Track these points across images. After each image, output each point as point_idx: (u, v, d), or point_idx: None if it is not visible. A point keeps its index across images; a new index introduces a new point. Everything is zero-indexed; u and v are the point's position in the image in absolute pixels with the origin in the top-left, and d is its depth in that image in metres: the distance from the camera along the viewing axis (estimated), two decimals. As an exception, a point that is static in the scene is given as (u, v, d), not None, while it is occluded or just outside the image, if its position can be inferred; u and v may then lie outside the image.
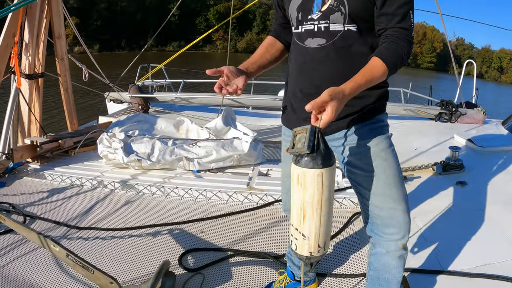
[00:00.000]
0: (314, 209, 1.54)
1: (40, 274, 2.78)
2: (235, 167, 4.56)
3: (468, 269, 2.58)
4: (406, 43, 1.76)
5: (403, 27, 1.76)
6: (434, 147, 4.90)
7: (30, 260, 2.94)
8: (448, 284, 2.49)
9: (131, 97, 7.13)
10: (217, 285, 2.71)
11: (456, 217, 3.21)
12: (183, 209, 3.71)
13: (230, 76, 1.86)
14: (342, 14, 1.80)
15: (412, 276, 2.58)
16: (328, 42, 1.87)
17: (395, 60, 1.74)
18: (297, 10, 1.92)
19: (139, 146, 4.51)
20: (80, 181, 4.21)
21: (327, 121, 1.52)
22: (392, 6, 1.75)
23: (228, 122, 5.14)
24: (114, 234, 3.30)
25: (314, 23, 1.88)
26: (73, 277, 2.76)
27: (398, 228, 1.97)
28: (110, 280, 2.24)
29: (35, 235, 2.37)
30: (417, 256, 2.77)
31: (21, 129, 5.12)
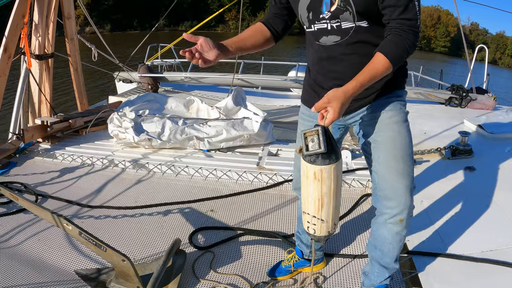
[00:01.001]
0: (331, 197, 1.73)
1: (52, 253, 2.82)
2: (245, 146, 4.57)
3: (474, 253, 2.57)
4: (410, 35, 1.75)
5: (406, 17, 1.75)
6: (444, 131, 4.87)
7: (42, 239, 2.97)
8: (453, 267, 2.49)
9: (141, 77, 7.11)
10: (227, 263, 2.74)
11: (464, 202, 3.19)
12: (193, 188, 3.73)
13: (204, 46, 1.88)
14: (350, 13, 1.82)
15: (417, 258, 2.58)
16: (342, 38, 1.91)
17: (399, 54, 1.76)
18: (307, 9, 1.94)
19: (150, 126, 4.51)
20: (91, 161, 4.23)
21: (330, 120, 1.68)
22: None
23: (238, 102, 5.12)
24: (125, 212, 3.33)
25: (326, 22, 1.90)
26: (85, 255, 2.80)
27: (398, 202, 1.97)
28: (122, 258, 2.25)
29: (48, 214, 2.37)
30: (423, 239, 2.77)
31: (32, 110, 5.12)
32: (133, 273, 2.30)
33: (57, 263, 2.74)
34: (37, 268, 2.66)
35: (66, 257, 2.79)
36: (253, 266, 2.70)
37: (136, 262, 2.48)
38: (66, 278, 2.57)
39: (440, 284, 2.35)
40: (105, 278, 2.51)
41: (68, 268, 2.67)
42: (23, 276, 2.57)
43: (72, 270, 2.62)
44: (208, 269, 2.67)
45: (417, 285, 2.37)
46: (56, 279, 2.55)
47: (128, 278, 2.35)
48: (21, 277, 2.55)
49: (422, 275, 2.43)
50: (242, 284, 2.54)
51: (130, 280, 2.36)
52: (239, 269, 2.68)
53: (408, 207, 1.99)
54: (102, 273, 2.56)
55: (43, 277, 2.57)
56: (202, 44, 1.88)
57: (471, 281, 2.36)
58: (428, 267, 2.49)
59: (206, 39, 1.90)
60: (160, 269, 2.22)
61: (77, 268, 2.65)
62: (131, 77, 7.41)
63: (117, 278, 2.41)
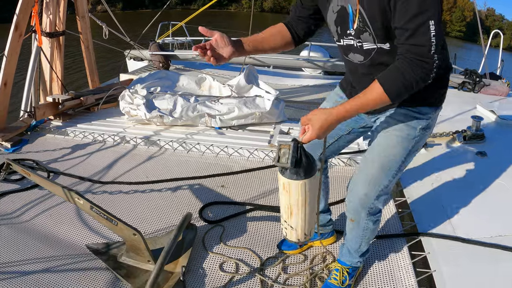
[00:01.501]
0: (299, 209, 1.79)
1: (63, 228, 2.84)
2: (257, 124, 4.54)
3: (482, 238, 2.54)
4: (415, 66, 1.57)
5: (415, 43, 1.55)
6: (456, 116, 4.77)
7: (54, 214, 2.99)
8: (462, 250, 2.47)
9: (152, 55, 7.07)
10: (236, 237, 2.74)
11: (474, 187, 3.14)
12: (204, 165, 3.72)
13: (219, 42, 1.84)
14: (370, 34, 1.74)
15: (426, 239, 2.57)
16: (366, 59, 1.86)
17: (398, 87, 1.61)
18: (335, 24, 1.88)
19: (161, 103, 4.49)
20: (102, 137, 4.23)
21: (308, 138, 1.69)
22: (402, 19, 1.56)
23: (250, 80, 5.07)
24: (137, 188, 3.33)
25: (353, 39, 1.84)
26: (95, 231, 2.81)
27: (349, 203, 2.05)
28: (133, 232, 2.25)
29: (59, 189, 2.37)
30: (432, 221, 2.75)
31: (43, 88, 5.11)
32: (144, 247, 2.30)
33: (68, 238, 2.75)
34: (48, 243, 2.67)
35: (77, 232, 2.80)
36: (263, 241, 2.70)
37: (147, 236, 2.48)
38: (77, 252, 2.58)
39: (448, 266, 2.34)
40: (116, 252, 2.52)
41: (79, 242, 2.69)
42: (35, 250, 2.58)
43: (83, 245, 2.63)
44: (218, 243, 2.67)
45: (426, 266, 2.36)
46: (68, 253, 2.56)
47: (139, 252, 2.36)
48: (34, 251, 2.57)
49: (431, 256, 2.42)
50: (251, 258, 2.54)
51: (141, 254, 2.36)
52: (249, 243, 2.68)
53: (357, 214, 2.02)
54: (113, 247, 2.57)
55: (54, 251, 2.58)
56: (218, 40, 1.84)
57: (479, 265, 2.35)
58: (437, 249, 2.47)
59: (222, 35, 1.85)
60: (171, 242, 2.21)
61: (88, 242, 2.66)
62: (142, 55, 7.38)
63: (128, 252, 2.42)
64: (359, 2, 1.67)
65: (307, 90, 6.20)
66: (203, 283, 2.35)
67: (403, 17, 1.53)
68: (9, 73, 4.19)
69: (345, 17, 1.79)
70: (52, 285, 2.29)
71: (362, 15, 1.69)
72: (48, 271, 2.40)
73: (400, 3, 1.53)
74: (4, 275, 2.35)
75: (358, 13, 1.69)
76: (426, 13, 1.49)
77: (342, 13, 1.80)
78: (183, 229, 2.36)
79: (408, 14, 1.51)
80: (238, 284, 2.35)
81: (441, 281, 2.23)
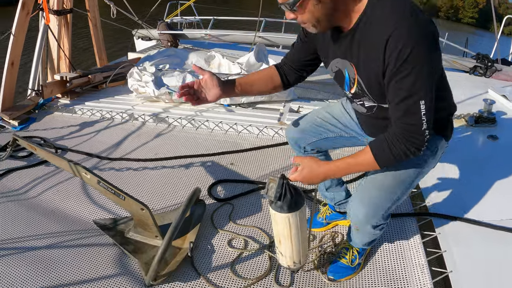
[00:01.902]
0: (286, 239, 1.87)
1: (70, 204, 2.83)
2: (266, 102, 4.47)
3: (493, 221, 2.50)
4: (406, 141, 1.60)
5: (406, 122, 1.59)
6: (468, 99, 4.70)
7: (60, 190, 2.98)
8: (472, 232, 2.43)
9: (160, 34, 6.99)
10: (246, 215, 2.70)
11: (485, 170, 3.10)
12: (213, 142, 3.67)
13: (208, 83, 1.89)
14: (369, 99, 1.81)
15: (437, 220, 2.52)
16: (368, 112, 1.92)
17: (387, 159, 1.66)
18: (335, 80, 1.94)
19: (170, 80, 4.42)
20: (110, 115, 4.19)
21: (295, 179, 1.79)
22: (394, 98, 1.59)
23: (260, 57, 4.97)
24: (145, 165, 3.30)
25: (351, 97, 1.92)
26: (103, 207, 2.79)
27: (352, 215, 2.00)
28: (141, 207, 2.21)
29: (66, 163, 2.33)
30: (443, 202, 2.71)
31: (51, 66, 5.08)
32: (152, 222, 2.26)
33: (75, 213, 2.73)
34: (55, 219, 2.67)
35: (85, 208, 2.79)
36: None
37: (155, 213, 2.44)
38: (85, 228, 2.57)
39: (458, 247, 2.30)
40: (123, 227, 2.49)
41: (86, 218, 2.67)
42: (42, 226, 2.58)
43: (91, 220, 2.61)
44: (227, 221, 2.64)
45: (436, 247, 2.33)
46: (75, 229, 2.55)
47: (146, 227, 2.32)
48: (40, 227, 2.56)
49: (441, 237, 2.39)
50: (261, 236, 2.50)
51: (149, 230, 2.33)
52: (258, 221, 2.64)
53: (362, 226, 2.00)
54: (120, 223, 2.54)
55: (61, 227, 2.57)
56: (207, 80, 1.89)
57: (489, 247, 2.31)
58: (447, 230, 2.44)
59: (212, 76, 1.90)
60: (180, 217, 2.16)
61: (95, 218, 2.64)
62: (150, 34, 7.30)
63: (135, 228, 2.38)
64: (357, 72, 1.73)
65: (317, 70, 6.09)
66: (211, 259, 2.32)
67: (395, 96, 1.57)
68: (16, 52, 4.15)
69: (343, 80, 1.85)
70: (58, 261, 2.27)
71: (360, 84, 1.75)
72: (55, 246, 2.39)
73: (393, 83, 1.56)
74: (12, 250, 2.35)
75: (356, 82, 1.76)
76: (416, 95, 1.53)
77: (339, 75, 1.86)
78: (191, 204, 2.31)
79: (399, 95, 1.55)
80: (247, 260, 2.31)
81: (452, 261, 2.20)
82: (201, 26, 8.79)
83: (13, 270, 2.20)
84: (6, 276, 2.16)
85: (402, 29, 1.47)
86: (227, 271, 2.23)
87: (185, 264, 2.26)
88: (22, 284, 2.11)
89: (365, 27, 1.60)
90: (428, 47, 1.49)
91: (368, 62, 1.63)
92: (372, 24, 1.57)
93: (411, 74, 1.50)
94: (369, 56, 1.60)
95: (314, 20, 1.63)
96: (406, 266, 2.22)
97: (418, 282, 2.10)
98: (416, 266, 2.20)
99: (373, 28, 1.56)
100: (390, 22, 1.49)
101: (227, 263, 2.29)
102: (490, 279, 2.10)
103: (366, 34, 1.60)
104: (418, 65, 1.49)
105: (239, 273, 2.22)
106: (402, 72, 1.50)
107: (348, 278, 2.16)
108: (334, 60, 1.84)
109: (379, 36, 1.52)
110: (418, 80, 1.51)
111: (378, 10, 1.56)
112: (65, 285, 2.12)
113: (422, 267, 2.18)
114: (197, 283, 2.15)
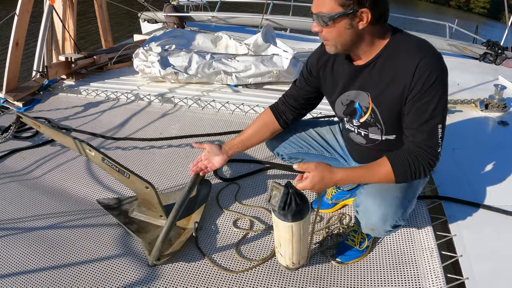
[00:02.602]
0: (286, 243, 1.90)
1: (74, 184, 2.82)
2: (273, 83, 4.43)
3: (504, 206, 2.47)
4: (425, 162, 1.71)
5: (426, 144, 1.71)
6: (478, 85, 4.65)
7: (64, 170, 2.98)
8: (483, 217, 2.40)
9: (166, 16, 6.96)
10: (252, 196, 2.68)
11: (496, 155, 3.06)
12: (220, 122, 3.65)
13: (211, 152, 2.17)
14: (379, 129, 1.89)
15: (447, 204, 2.49)
16: (368, 144, 2.02)
17: (405, 174, 1.73)
18: (343, 113, 2.01)
19: (176, 60, 4.38)
20: (115, 95, 4.16)
21: (303, 187, 1.77)
22: (415, 122, 1.71)
23: (268, 38, 4.92)
24: (150, 144, 3.29)
25: (356, 127, 2.00)
26: (107, 187, 2.78)
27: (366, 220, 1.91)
28: (146, 185, 2.17)
29: (70, 140, 2.30)
30: (453, 186, 2.67)
31: (55, 47, 5.05)
32: (156, 201, 2.23)
33: (79, 193, 2.73)
34: (59, 199, 2.66)
35: (88, 188, 2.78)
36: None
37: (160, 192, 2.41)
38: (89, 207, 2.56)
39: (468, 231, 2.27)
40: (127, 207, 2.47)
41: (90, 198, 2.66)
42: (46, 205, 2.58)
43: (94, 200, 2.60)
44: (232, 201, 2.61)
45: (446, 231, 2.30)
46: (79, 209, 2.54)
47: (150, 206, 2.29)
48: (44, 207, 2.56)
49: (451, 221, 2.36)
50: (266, 216, 2.48)
51: (153, 209, 2.30)
52: (264, 202, 2.62)
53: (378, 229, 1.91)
54: (124, 203, 2.52)
55: (65, 206, 2.57)
56: (209, 150, 2.16)
57: (500, 232, 2.27)
58: (457, 214, 2.40)
59: (211, 146, 2.17)
60: (184, 196, 2.13)
61: (99, 198, 2.62)
62: (157, 17, 7.26)
63: (139, 207, 2.36)
64: (372, 101, 1.82)
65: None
66: (215, 239, 2.30)
67: (418, 118, 1.69)
68: (20, 32, 4.11)
69: (354, 111, 1.93)
70: (62, 240, 2.27)
71: (375, 112, 1.83)
72: (58, 226, 2.39)
73: (416, 106, 1.68)
74: (15, 230, 2.35)
75: (370, 110, 1.85)
76: (436, 119, 1.67)
77: (350, 106, 1.94)
78: (196, 184, 2.27)
79: (422, 118, 1.68)
80: (252, 240, 2.29)
81: (462, 245, 2.16)
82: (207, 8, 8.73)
83: (17, 250, 2.19)
84: (10, 255, 2.16)
85: (430, 58, 1.62)
86: (232, 251, 2.21)
87: (190, 244, 2.24)
88: (26, 263, 2.11)
89: (387, 59, 1.73)
90: (447, 78, 1.67)
91: (390, 90, 1.73)
92: (396, 57, 1.70)
93: (434, 98, 1.64)
94: (393, 83, 1.72)
95: (339, 41, 1.72)
96: (416, 249, 2.18)
97: (428, 266, 2.06)
98: (425, 250, 2.16)
99: (399, 59, 1.69)
100: (418, 53, 1.64)
101: (232, 244, 2.26)
102: (500, 264, 2.07)
103: (390, 64, 1.72)
104: (440, 91, 1.64)
105: (244, 254, 2.20)
106: (427, 96, 1.64)
107: (355, 261, 2.13)
108: (345, 93, 1.92)
109: (407, 64, 1.65)
110: (439, 105, 1.65)
111: (403, 44, 1.71)
112: (68, 264, 2.11)
113: (432, 250, 2.14)
114: (202, 264, 2.13)
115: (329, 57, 1.96)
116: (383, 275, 2.04)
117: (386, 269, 2.08)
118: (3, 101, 4.01)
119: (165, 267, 2.09)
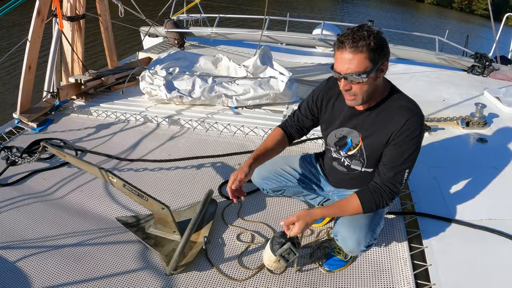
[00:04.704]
0: (265, 259, 2.39)
1: (94, 203, 3.11)
2: (271, 104, 4.72)
3: (473, 220, 2.78)
4: (387, 197, 2.11)
5: (393, 182, 2.10)
6: (463, 101, 4.86)
7: (84, 191, 3.26)
8: (453, 230, 2.72)
9: (167, 32, 7.16)
10: (253, 212, 3.00)
11: (471, 172, 3.34)
12: (223, 143, 3.94)
13: (245, 180, 2.33)
14: (361, 162, 2.26)
15: (422, 219, 2.81)
16: (348, 173, 2.39)
17: (371, 207, 2.12)
18: (334, 144, 2.35)
19: (181, 83, 4.68)
20: (124, 116, 4.44)
21: (295, 233, 2.14)
22: (390, 163, 2.09)
23: (265, 61, 5.22)
24: (160, 165, 3.57)
25: (342, 157, 2.35)
26: (123, 205, 3.08)
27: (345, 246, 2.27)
28: (162, 206, 2.52)
29: (96, 169, 2.63)
30: (429, 202, 2.98)
31: (65, 69, 5.24)
32: (171, 220, 2.57)
33: (99, 212, 3.01)
34: (81, 217, 2.94)
35: (107, 206, 3.06)
36: (277, 216, 2.97)
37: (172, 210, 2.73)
38: (109, 225, 2.85)
39: (438, 243, 2.60)
40: (144, 224, 2.80)
41: (109, 216, 2.95)
42: (71, 224, 2.85)
43: (113, 218, 2.90)
44: (236, 217, 2.94)
45: (419, 243, 2.61)
46: (100, 227, 2.83)
47: (166, 224, 2.63)
48: (69, 225, 2.84)
49: (424, 234, 2.68)
50: (266, 231, 2.81)
51: (168, 226, 2.63)
52: (264, 217, 2.94)
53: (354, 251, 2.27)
54: (141, 220, 2.85)
55: (88, 224, 2.85)
56: (244, 180, 2.32)
57: (467, 244, 2.59)
58: (430, 228, 2.73)
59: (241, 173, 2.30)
60: (197, 216, 2.50)
61: (118, 216, 2.93)
62: (157, 32, 7.45)
63: (155, 224, 2.69)
64: (362, 140, 2.18)
65: (320, 69, 6.29)
66: (222, 251, 2.63)
67: (393, 161, 2.07)
68: (33, 57, 4.33)
69: (344, 144, 2.29)
70: (88, 256, 2.56)
71: (362, 150, 2.20)
72: (83, 243, 2.67)
73: (395, 151, 2.06)
74: (46, 248, 2.62)
75: (358, 147, 2.21)
76: (407, 164, 2.07)
77: (342, 139, 2.29)
78: (207, 204, 2.64)
79: (397, 161, 2.06)
80: (253, 252, 2.63)
81: (432, 256, 2.49)
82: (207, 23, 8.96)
83: (50, 265, 2.47)
84: (44, 270, 2.44)
85: (416, 118, 2.01)
86: (236, 262, 2.54)
87: (200, 256, 2.57)
88: (58, 277, 2.39)
89: (382, 111, 2.09)
90: (423, 134, 2.05)
91: (379, 135, 2.09)
92: (390, 111, 2.07)
93: (410, 149, 2.03)
94: (383, 130, 2.07)
95: (365, 94, 2.00)
96: (392, 259, 2.52)
97: (401, 273, 2.40)
98: (400, 259, 2.50)
99: (393, 114, 2.05)
100: (409, 112, 2.02)
101: (236, 255, 2.59)
102: (465, 273, 2.38)
103: (384, 116, 2.08)
104: (416, 144, 2.04)
105: (245, 264, 2.53)
106: (406, 145, 2.02)
107: (341, 269, 2.47)
108: (339, 128, 2.27)
109: (399, 119, 2.02)
110: (412, 155, 2.05)
111: (398, 102, 2.07)
112: (95, 278, 2.40)
113: (405, 260, 2.48)
114: (210, 273, 2.46)
115: (333, 94, 2.28)
116: (364, 281, 2.39)
117: (365, 276, 2.42)
118: (17, 122, 4.26)
119: (180, 276, 2.42)
